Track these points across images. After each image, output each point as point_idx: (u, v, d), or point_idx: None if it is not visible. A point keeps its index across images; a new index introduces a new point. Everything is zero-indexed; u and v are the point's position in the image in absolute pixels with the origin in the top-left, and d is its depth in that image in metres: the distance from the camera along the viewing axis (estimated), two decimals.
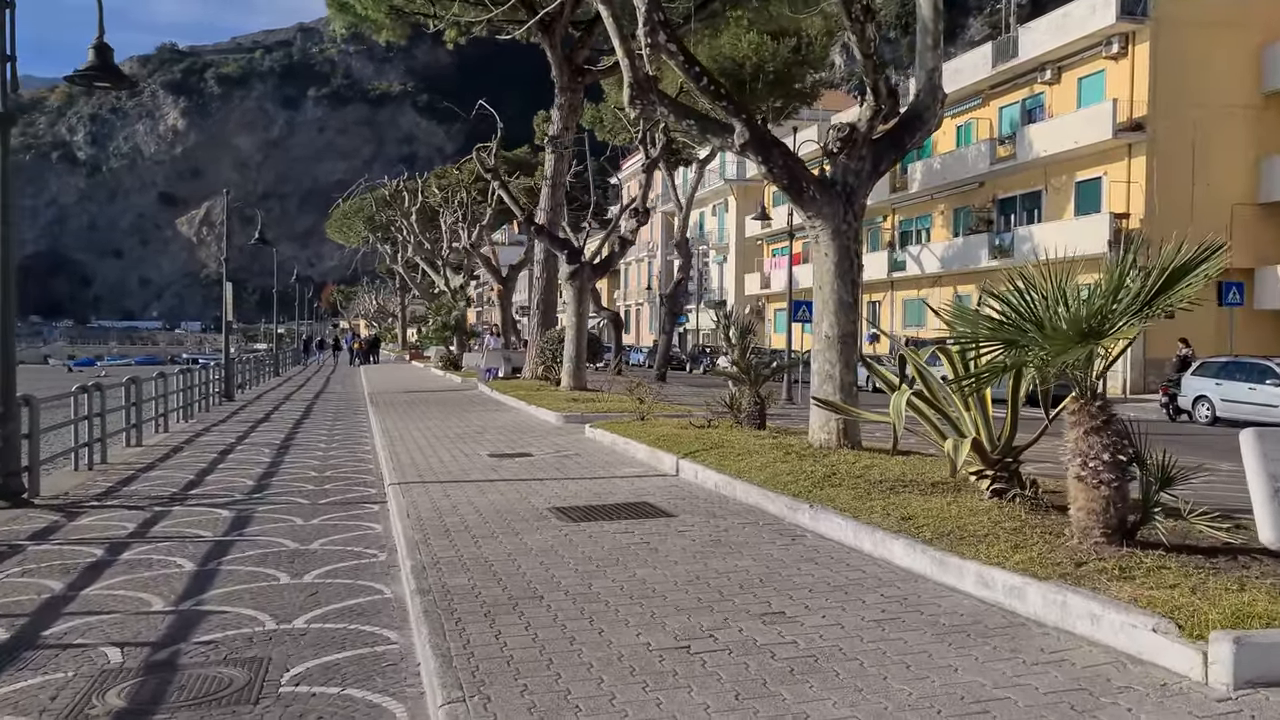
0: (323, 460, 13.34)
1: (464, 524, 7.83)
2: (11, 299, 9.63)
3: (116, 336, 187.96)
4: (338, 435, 16.83)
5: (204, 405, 22.32)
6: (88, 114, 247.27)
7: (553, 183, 24.61)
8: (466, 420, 17.76)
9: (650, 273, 78.13)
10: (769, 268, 62.17)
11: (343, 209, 75.47)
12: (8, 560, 7.30)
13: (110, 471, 12.27)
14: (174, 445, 15.34)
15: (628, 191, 75.68)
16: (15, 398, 9.56)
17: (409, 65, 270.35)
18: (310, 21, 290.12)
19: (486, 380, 26.58)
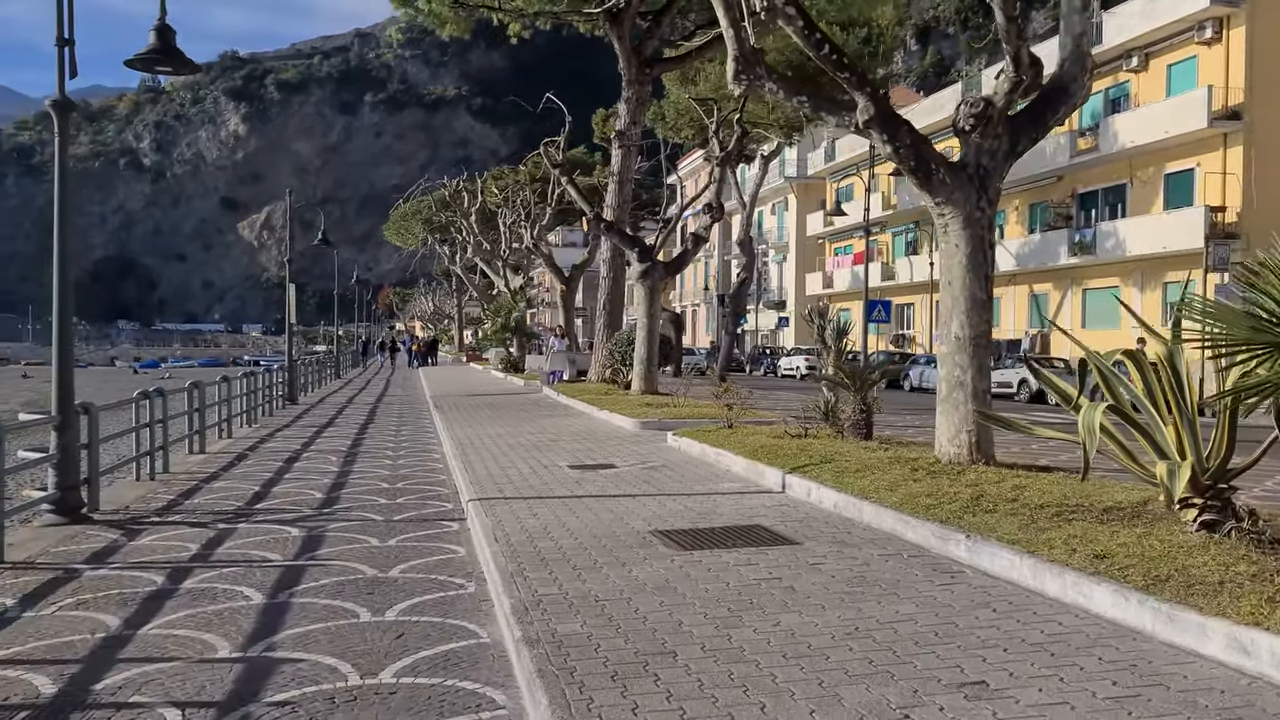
0: (392, 470, 12.60)
1: (559, 550, 6.96)
2: (69, 306, 8.99)
3: (180, 339, 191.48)
4: (404, 442, 16.13)
5: (267, 409, 21.82)
6: (153, 121, 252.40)
7: (620, 179, 23.77)
8: (536, 426, 16.96)
9: (707, 273, 77.05)
10: (831, 267, 60.80)
11: (401, 211, 75.52)
12: (62, 588, 6.58)
13: (172, 482, 11.64)
14: (238, 452, 14.73)
15: (683, 190, 74.80)
16: (74, 406, 8.90)
17: (463, 69, 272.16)
18: (367, 27, 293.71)
19: (551, 383, 25.82)
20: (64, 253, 8.89)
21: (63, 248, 8.88)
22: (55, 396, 8.76)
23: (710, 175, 21.59)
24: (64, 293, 8.85)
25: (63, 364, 8.90)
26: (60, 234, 8.86)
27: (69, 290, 8.92)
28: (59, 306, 8.86)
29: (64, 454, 8.80)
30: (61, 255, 8.88)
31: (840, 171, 59.42)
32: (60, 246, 8.87)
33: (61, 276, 8.83)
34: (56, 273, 8.82)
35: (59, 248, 8.86)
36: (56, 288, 8.83)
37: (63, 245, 8.88)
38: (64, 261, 8.86)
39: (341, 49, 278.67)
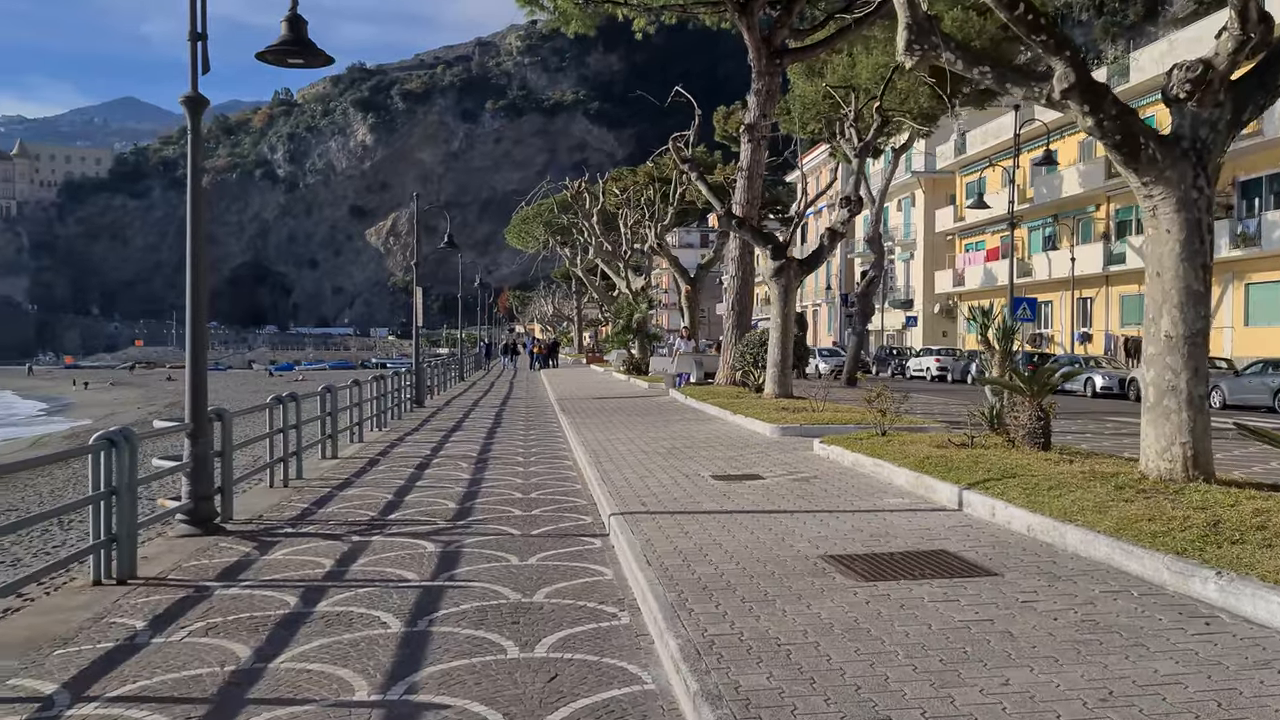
0: (524, 478, 12.09)
1: (721, 576, 6.22)
2: (203, 312, 8.70)
3: (313, 342, 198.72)
4: (534, 447, 15.66)
5: (396, 412, 21.77)
6: (286, 133, 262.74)
7: (749, 174, 22.92)
8: (668, 431, 16.28)
9: (829, 272, 75.28)
10: (962, 263, 58.44)
11: (522, 214, 76.21)
12: (193, 610, 6.18)
13: (305, 490, 11.37)
14: (369, 458, 14.50)
15: (804, 187, 73.25)
16: (207, 413, 8.62)
17: (581, 73, 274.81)
18: (488, 36, 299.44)
19: (678, 386, 25.15)
20: (197, 252, 8.61)
21: (196, 247, 8.60)
22: (189, 404, 8.49)
23: (830, 172, 20.53)
24: (197, 300, 8.58)
25: (196, 371, 8.63)
26: (193, 232, 8.58)
27: (202, 297, 8.64)
28: (192, 313, 8.59)
29: (197, 463, 8.51)
30: (195, 255, 8.61)
31: (971, 165, 57.12)
32: (194, 246, 8.59)
33: (194, 281, 8.55)
34: (190, 275, 8.55)
35: (192, 247, 8.59)
36: (190, 293, 8.56)
37: (196, 245, 8.60)
38: (197, 264, 8.59)
39: (463, 58, 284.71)
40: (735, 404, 18.64)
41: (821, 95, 34.83)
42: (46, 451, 43.17)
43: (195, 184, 8.56)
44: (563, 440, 16.66)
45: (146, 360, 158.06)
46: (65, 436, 52.79)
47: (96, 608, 6.22)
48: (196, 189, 8.56)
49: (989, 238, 56.27)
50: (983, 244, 57.08)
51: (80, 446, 6.83)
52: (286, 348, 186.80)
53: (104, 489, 6.76)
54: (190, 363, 8.62)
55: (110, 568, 6.83)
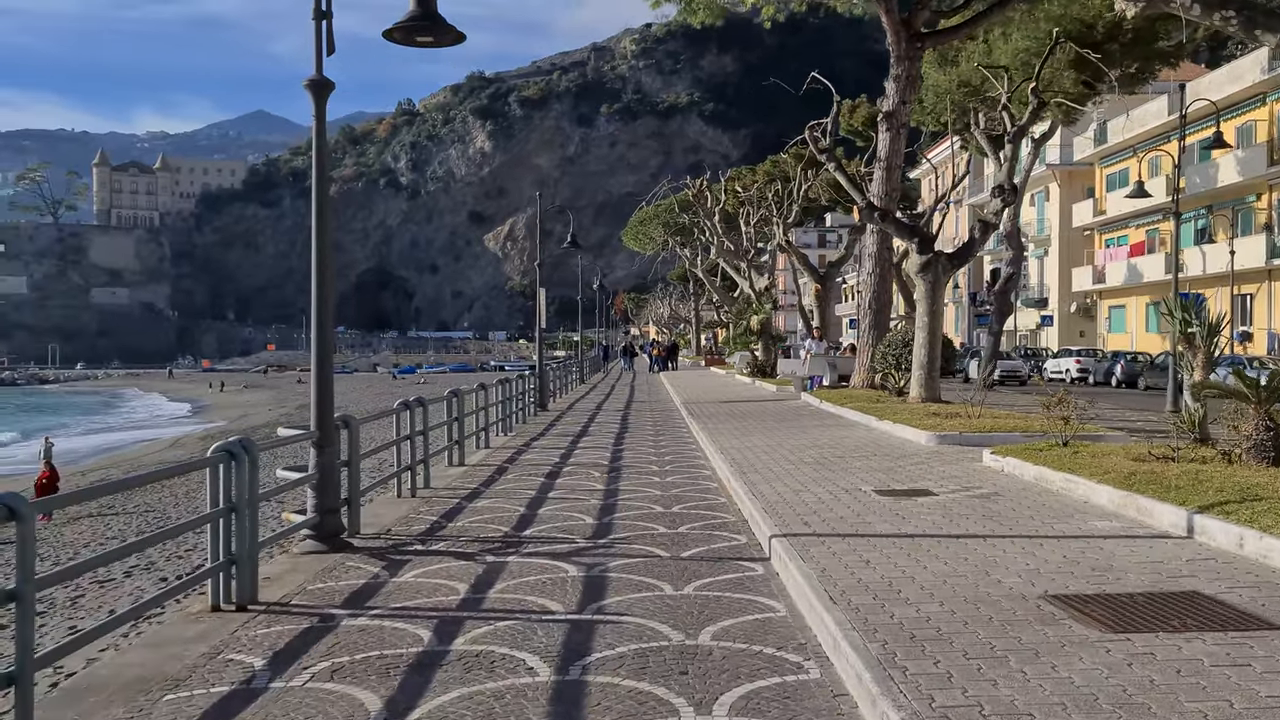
0: (662, 489, 11.22)
1: (927, 621, 5.19)
2: (329, 317, 8.10)
3: (434, 345, 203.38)
4: (666, 454, 14.80)
5: (520, 417, 21.25)
6: (409, 142, 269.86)
7: (888, 165, 21.60)
8: (809, 438, 15.19)
9: (958, 273, 72.45)
10: (1102, 259, 55.26)
11: (639, 216, 75.80)
12: (317, 645, 5.47)
13: (434, 500, 10.74)
14: (497, 465, 13.87)
15: (930, 182, 70.53)
16: (333, 421, 8.01)
17: (695, 75, 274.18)
18: (603, 41, 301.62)
19: (810, 389, 23.97)
20: (323, 250, 8.01)
21: (321, 244, 8.01)
22: (314, 411, 7.89)
23: (964, 164, 19.05)
24: (323, 305, 7.99)
25: (321, 377, 8.02)
26: (319, 229, 7.99)
27: (328, 303, 8.04)
28: (317, 318, 8.01)
29: (323, 474, 7.90)
30: (320, 254, 8.01)
31: (1112, 155, 53.99)
32: (319, 242, 8.00)
33: (320, 287, 7.96)
34: (315, 280, 7.97)
35: (317, 244, 7.99)
36: (315, 299, 7.98)
37: (321, 242, 8.01)
38: (323, 266, 7.99)
39: (579, 64, 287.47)
40: (878, 409, 17.42)
41: (956, 84, 33.08)
42: (183, 453, 44.49)
43: (321, 173, 7.96)
44: (696, 447, 15.76)
45: (278, 363, 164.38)
46: (201, 438, 54.70)
47: (214, 639, 5.58)
48: (322, 179, 7.96)
49: (1132, 231, 53.09)
50: (1125, 239, 53.93)
51: (197, 459, 6.23)
52: (408, 351, 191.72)
53: (223, 505, 6.15)
54: (316, 369, 8.02)
55: (230, 591, 6.22)
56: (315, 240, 8.00)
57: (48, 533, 24.36)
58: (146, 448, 51.71)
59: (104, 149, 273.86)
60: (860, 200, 19.02)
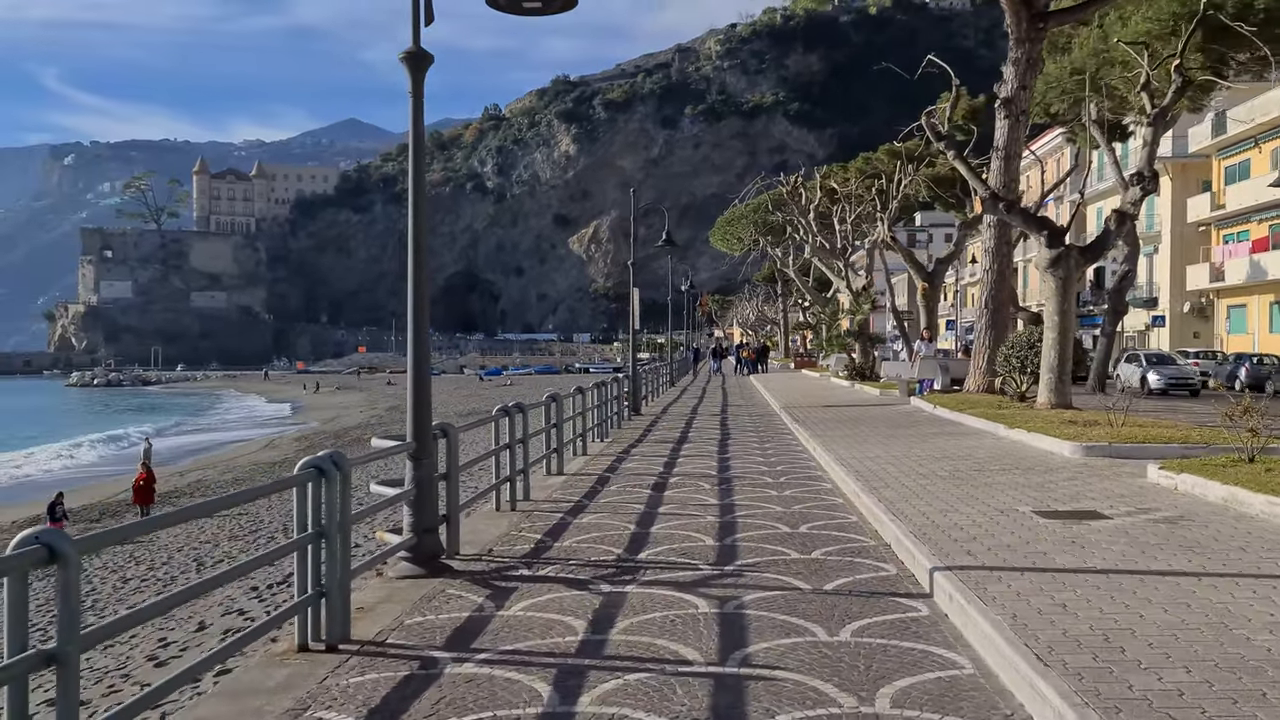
0: (781, 504, 10.22)
1: (1181, 697, 4.09)
2: (425, 319, 7.31)
3: (519, 348, 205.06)
4: (778, 465, 13.77)
5: (615, 422, 20.40)
6: (495, 147, 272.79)
7: (1006, 154, 20.18)
8: (932, 447, 13.99)
9: None
10: (1221, 256, 52.20)
11: (727, 216, 74.60)
12: (417, 703, 4.62)
13: (535, 514, 9.91)
14: (598, 474, 13.01)
15: (1027, 178, 67.60)
16: (431, 432, 7.21)
17: (780, 75, 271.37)
18: (687, 42, 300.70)
19: (921, 393, 22.63)
20: (419, 239, 7.23)
21: (418, 234, 7.22)
22: (411, 420, 7.10)
23: (1071, 156, 17.52)
24: (419, 305, 7.20)
25: (418, 384, 7.22)
26: (415, 222, 7.21)
27: (424, 302, 7.24)
28: (414, 321, 7.22)
29: (420, 489, 7.10)
30: (416, 244, 7.22)
31: (1232, 147, 50.97)
32: (415, 234, 7.21)
33: (416, 284, 7.18)
34: (411, 275, 7.19)
35: (414, 234, 7.20)
36: (411, 298, 7.20)
37: (418, 232, 7.22)
38: (419, 257, 7.20)
39: (663, 65, 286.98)
40: (1004, 416, 16.10)
41: (1068, 71, 31.27)
42: (276, 454, 44.77)
43: (418, 156, 7.18)
44: (807, 456, 14.70)
45: (369, 365, 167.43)
46: (294, 439, 55.39)
47: (299, 691, 4.77)
48: (419, 161, 7.18)
49: (1254, 227, 50.00)
50: (1246, 234, 50.85)
51: (283, 479, 5.45)
52: (494, 353, 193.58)
53: (311, 530, 5.36)
54: (412, 376, 7.23)
55: (319, 628, 5.43)
56: (412, 229, 7.22)
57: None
58: (241, 448, 52.51)
59: (204, 157, 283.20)
60: (983, 190, 17.70)
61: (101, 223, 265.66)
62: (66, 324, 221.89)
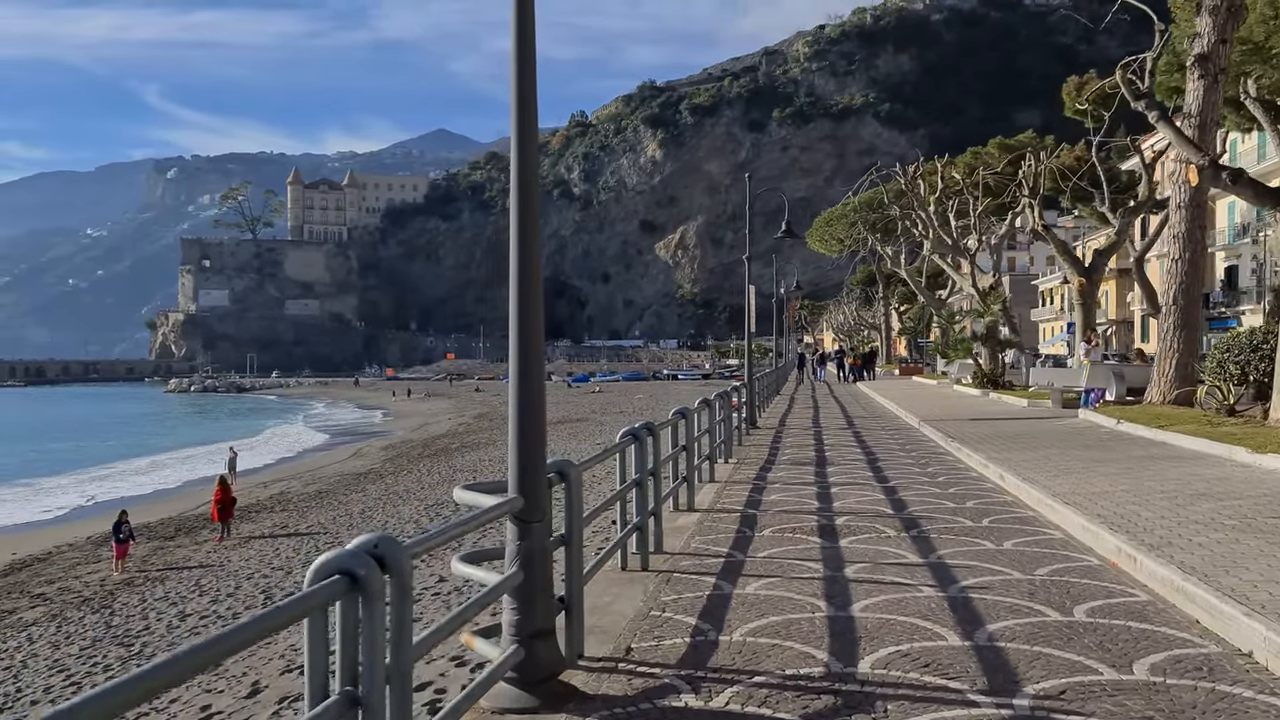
0: (1016, 566, 7.38)
1: None
2: (537, 324, 4.70)
3: (606, 354, 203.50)
4: (962, 499, 10.87)
5: (737, 437, 17.66)
6: (581, 153, 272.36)
7: (1201, 121, 16.86)
8: (1164, 477, 10.93)
9: (1143, 270, 64.26)
10: None
11: (825, 217, 71.29)
12: None
13: (676, 579, 7.23)
14: (738, 510, 10.31)
15: (1145, 170, 62.53)
16: (544, 482, 4.58)
17: (871, 76, 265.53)
18: (774, 44, 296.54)
19: (1091, 406, 19.38)
20: (527, 240, 4.62)
21: (525, 234, 4.61)
22: (514, 465, 4.51)
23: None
24: (527, 311, 4.59)
25: (525, 409, 4.60)
26: (523, 214, 4.60)
27: (534, 303, 4.64)
28: (518, 326, 4.61)
29: (529, 571, 4.48)
30: (523, 242, 4.62)
31: None
32: (521, 233, 4.60)
33: (522, 284, 4.57)
34: (515, 270, 4.59)
35: (519, 233, 4.60)
36: (515, 300, 4.60)
37: (525, 233, 4.61)
38: (526, 257, 4.60)
39: (750, 69, 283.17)
40: (1233, 435, 12.90)
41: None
42: (362, 464, 43.05)
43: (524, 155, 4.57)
44: (990, 485, 11.76)
45: (458, 372, 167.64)
46: (383, 447, 53.90)
47: None
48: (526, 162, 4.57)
49: None
50: None
51: (292, 603, 2.79)
52: (581, 360, 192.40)
53: (339, 696, 2.75)
54: (517, 402, 4.62)
55: None
56: (516, 231, 4.62)
57: (217, 555, 22.58)
58: (328, 457, 51.15)
59: (298, 168, 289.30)
60: (1197, 158, 14.49)
61: (201, 233, 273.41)
62: (167, 332, 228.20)
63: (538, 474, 4.61)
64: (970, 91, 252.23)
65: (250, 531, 25.64)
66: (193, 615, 16.24)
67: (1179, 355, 17.58)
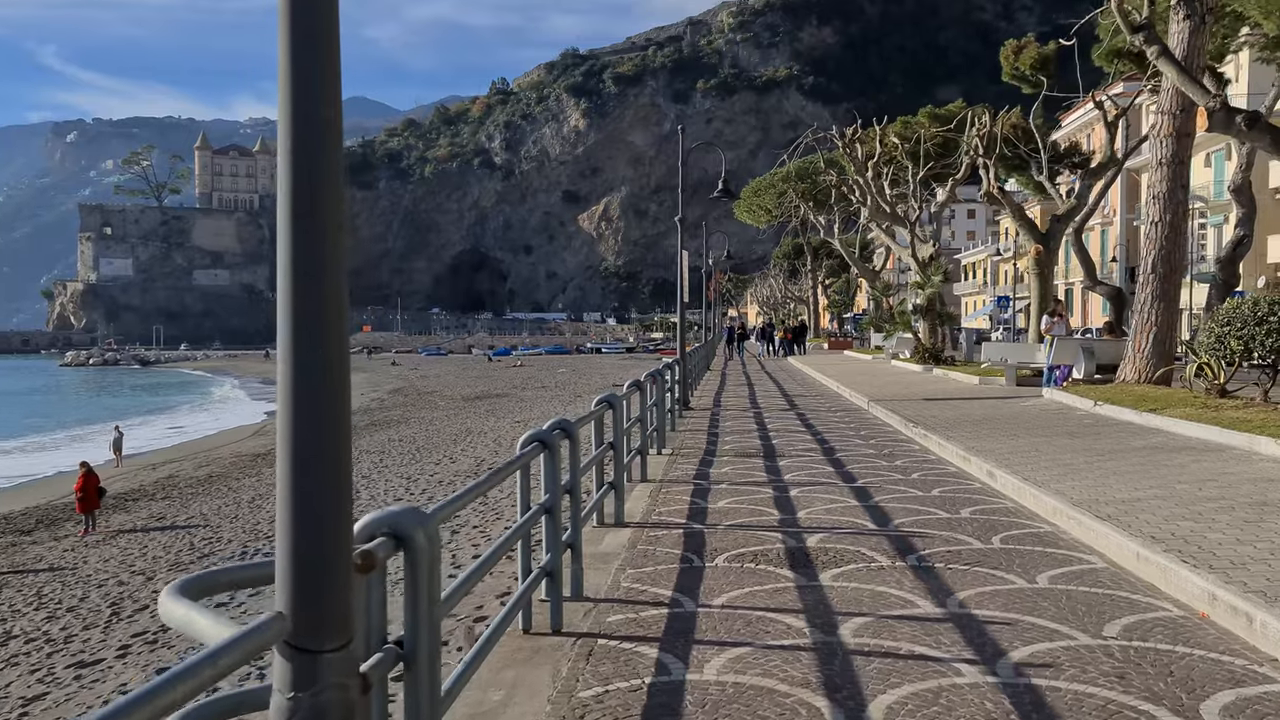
0: (1049, 603, 5.34)
1: None
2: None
3: (528, 328, 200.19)
4: (936, 493, 8.84)
5: (670, 422, 15.47)
6: (503, 121, 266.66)
7: (1186, 67, 15.08)
8: (1182, 474, 9.06)
9: (1105, 242, 64.24)
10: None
11: (752, 186, 69.49)
12: None
13: (600, 651, 4.98)
14: (676, 522, 8.10)
15: (1129, 129, 62.08)
16: (349, 555, 2.26)
17: (795, 48, 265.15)
18: (699, 14, 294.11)
19: (1057, 384, 17.68)
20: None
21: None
22: (283, 551, 2.19)
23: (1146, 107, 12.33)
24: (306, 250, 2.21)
25: (303, 452, 2.30)
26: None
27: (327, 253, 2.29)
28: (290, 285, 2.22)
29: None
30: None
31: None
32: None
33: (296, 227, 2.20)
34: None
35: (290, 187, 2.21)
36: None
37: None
38: None
39: (674, 39, 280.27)
40: (1246, 423, 11.14)
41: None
42: (266, 442, 39.86)
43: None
44: (977, 487, 9.76)
45: (374, 345, 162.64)
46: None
47: None
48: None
49: None
50: None
51: None
52: (503, 333, 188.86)
53: None
54: (288, 437, 2.27)
55: None
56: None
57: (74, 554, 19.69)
58: (228, 435, 47.71)
59: (206, 134, 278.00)
60: (1205, 100, 12.66)
61: (103, 200, 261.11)
62: (65, 302, 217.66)
63: (335, 563, 2.28)
64: (893, 66, 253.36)
65: (121, 524, 22.70)
66: (18, 637, 13.47)
67: (1157, 329, 15.91)
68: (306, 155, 2.39)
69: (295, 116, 2.33)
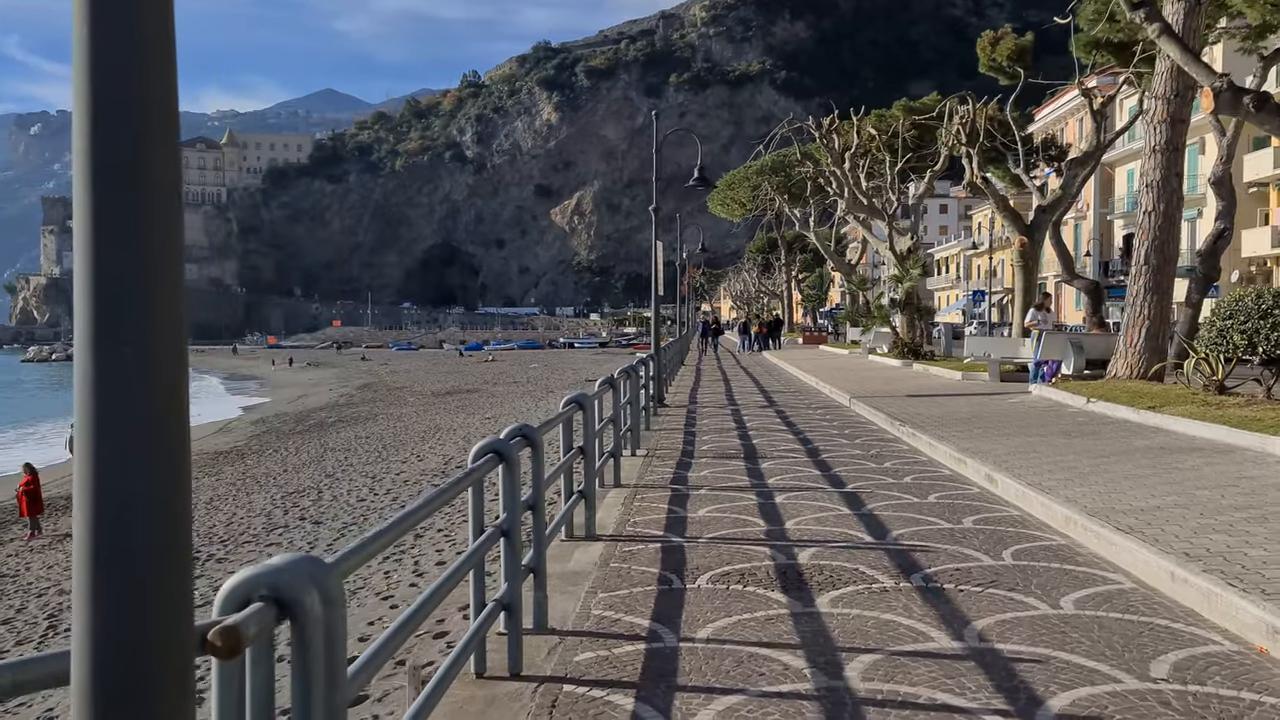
0: (1079, 632, 4.63)
1: None
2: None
3: (500, 322, 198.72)
4: (933, 499, 8.14)
5: (645, 420, 14.71)
6: (474, 114, 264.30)
7: (1181, 46, 14.47)
8: (1200, 478, 8.42)
9: (1079, 237, 64.10)
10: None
11: (726, 180, 68.79)
12: None
13: (565, 703, 4.20)
14: (653, 534, 7.33)
15: (1093, 115, 61.80)
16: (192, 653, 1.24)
17: (768, 43, 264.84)
18: (671, 8, 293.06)
19: (1047, 380, 17.07)
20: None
21: None
22: (79, 639, 0.99)
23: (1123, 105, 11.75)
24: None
25: (101, 499, 1.41)
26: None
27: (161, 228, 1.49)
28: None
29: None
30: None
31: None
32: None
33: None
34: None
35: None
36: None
37: None
38: None
39: (647, 32, 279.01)
40: (1256, 422, 10.52)
41: None
42: (230, 440, 38.71)
43: None
44: (975, 492, 9.07)
45: (344, 339, 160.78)
46: (253, 421, 49.34)
47: None
48: None
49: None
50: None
51: None
52: (475, 327, 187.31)
53: None
54: (88, 475, 1.43)
55: None
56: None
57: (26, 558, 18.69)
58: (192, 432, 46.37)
59: None
60: (1210, 80, 12.03)
61: (66, 193, 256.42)
62: (28, 296, 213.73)
63: (169, 650, 1.48)
64: (865, 61, 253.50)
65: (69, 527, 21.65)
66: None
67: (1150, 323, 15.33)
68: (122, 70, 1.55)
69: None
